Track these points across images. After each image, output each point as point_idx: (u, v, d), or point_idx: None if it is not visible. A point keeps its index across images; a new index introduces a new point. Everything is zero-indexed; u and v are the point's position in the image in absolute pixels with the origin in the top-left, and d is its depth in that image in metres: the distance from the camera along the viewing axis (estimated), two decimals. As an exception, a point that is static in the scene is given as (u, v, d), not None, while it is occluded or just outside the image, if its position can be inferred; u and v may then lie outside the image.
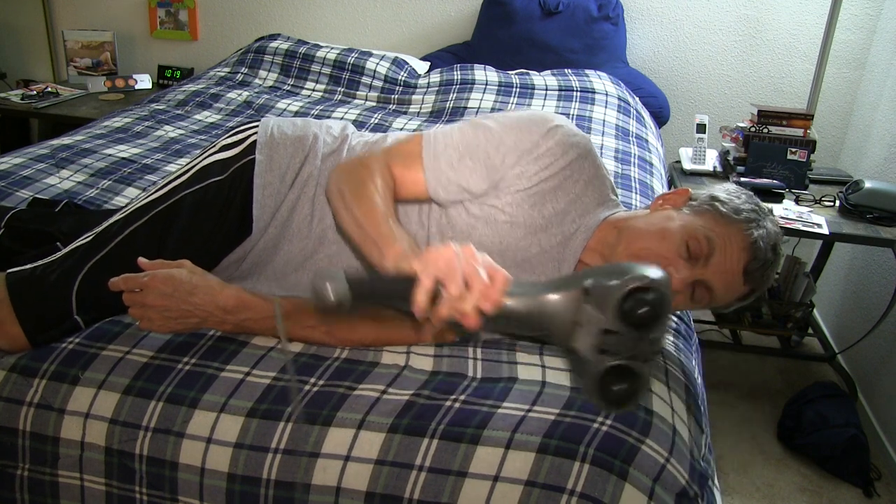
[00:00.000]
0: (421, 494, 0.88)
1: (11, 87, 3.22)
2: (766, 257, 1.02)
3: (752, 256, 1.01)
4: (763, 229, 1.03)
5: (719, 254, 1.01)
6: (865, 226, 2.01)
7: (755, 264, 1.01)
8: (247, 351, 1.04)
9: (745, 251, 1.01)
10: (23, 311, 1.05)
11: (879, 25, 2.64)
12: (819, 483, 2.00)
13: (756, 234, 1.02)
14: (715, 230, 1.02)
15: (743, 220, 1.03)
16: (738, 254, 1.01)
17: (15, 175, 1.68)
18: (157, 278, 1.00)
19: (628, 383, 0.80)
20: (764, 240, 1.02)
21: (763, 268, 1.02)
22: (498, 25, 2.78)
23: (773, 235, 1.04)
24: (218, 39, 3.25)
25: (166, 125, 2.21)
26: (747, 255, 1.01)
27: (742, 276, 1.02)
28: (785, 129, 2.28)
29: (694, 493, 0.91)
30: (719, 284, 1.02)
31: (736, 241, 1.02)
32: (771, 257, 1.03)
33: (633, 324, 0.77)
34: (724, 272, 1.01)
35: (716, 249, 1.01)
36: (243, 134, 1.23)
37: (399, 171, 1.10)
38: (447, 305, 0.77)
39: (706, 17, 2.80)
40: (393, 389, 0.97)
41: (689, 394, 1.05)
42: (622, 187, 1.86)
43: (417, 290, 0.77)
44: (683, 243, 1.02)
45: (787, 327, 2.45)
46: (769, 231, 1.03)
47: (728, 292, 1.03)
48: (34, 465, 0.98)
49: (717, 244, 1.01)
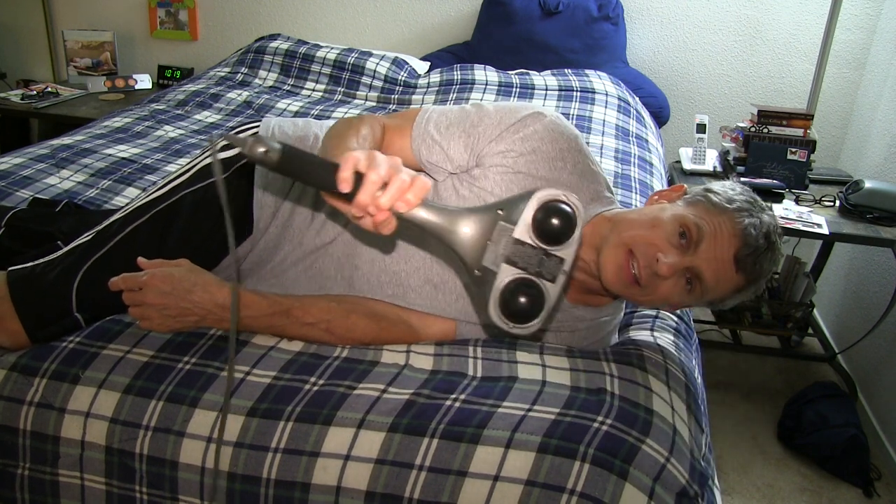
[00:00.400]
0: (421, 494, 0.88)
1: (11, 87, 3.22)
2: (757, 244, 1.01)
3: (742, 243, 1.00)
4: (755, 218, 1.02)
5: (708, 240, 1.01)
6: (865, 226, 2.01)
7: (745, 250, 1.01)
8: (247, 350, 1.04)
9: (736, 237, 1.01)
10: (23, 308, 1.05)
11: (879, 25, 2.64)
12: (819, 483, 2.00)
13: (747, 221, 1.01)
14: (705, 218, 1.02)
15: (734, 210, 1.02)
16: (729, 240, 1.01)
17: (15, 175, 1.68)
18: (155, 277, 1.00)
19: (531, 299, 0.80)
20: (756, 227, 1.01)
21: (755, 255, 1.01)
22: (498, 25, 2.78)
23: (766, 225, 1.03)
24: (218, 39, 3.25)
25: (166, 125, 2.21)
26: (738, 241, 1.01)
27: (733, 265, 1.01)
28: (785, 129, 2.28)
29: (694, 492, 0.91)
30: (709, 272, 1.01)
31: (726, 229, 1.01)
32: (763, 244, 1.01)
33: (543, 234, 0.78)
34: (714, 259, 1.01)
35: (705, 236, 1.01)
36: (244, 134, 1.23)
37: (391, 130, 1.14)
38: (366, 192, 0.77)
39: (706, 17, 2.80)
40: (393, 389, 0.97)
41: (689, 393, 1.05)
42: (622, 187, 1.86)
43: (340, 170, 0.78)
44: (674, 231, 1.02)
45: (787, 327, 2.45)
46: (762, 220, 1.03)
47: (720, 282, 1.03)
48: (34, 464, 0.98)
49: (706, 231, 1.01)
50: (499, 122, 1.11)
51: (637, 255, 1.02)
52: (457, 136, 1.12)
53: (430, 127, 1.13)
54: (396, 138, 1.14)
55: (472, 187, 1.11)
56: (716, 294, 1.04)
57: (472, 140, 1.11)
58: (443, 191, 1.14)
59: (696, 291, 1.03)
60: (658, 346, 1.14)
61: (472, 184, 1.11)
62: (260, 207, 1.16)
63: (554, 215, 0.78)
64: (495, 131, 1.11)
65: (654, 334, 1.22)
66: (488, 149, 1.10)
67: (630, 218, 1.07)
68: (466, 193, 1.11)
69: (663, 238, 1.02)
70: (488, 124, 1.11)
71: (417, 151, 1.13)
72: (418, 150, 1.13)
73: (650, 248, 1.01)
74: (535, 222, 0.78)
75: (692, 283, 1.03)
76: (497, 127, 1.11)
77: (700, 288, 1.03)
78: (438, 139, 1.12)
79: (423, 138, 1.13)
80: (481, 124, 1.11)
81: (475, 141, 1.11)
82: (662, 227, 1.02)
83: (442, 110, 1.15)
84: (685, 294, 1.04)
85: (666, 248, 1.01)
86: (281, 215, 1.18)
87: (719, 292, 1.04)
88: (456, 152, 1.12)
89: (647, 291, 1.03)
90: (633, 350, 1.11)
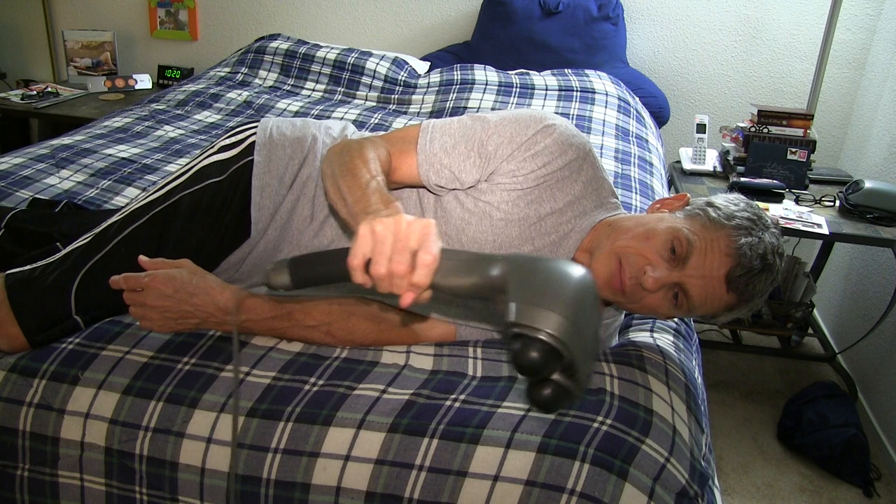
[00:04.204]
0: (421, 494, 0.88)
1: (11, 87, 3.22)
2: (751, 265, 0.98)
3: (735, 263, 0.98)
4: (753, 238, 0.99)
5: (698, 257, 0.98)
6: (865, 226, 2.01)
7: (738, 271, 0.98)
8: (247, 351, 1.04)
9: (729, 257, 0.98)
10: (21, 312, 1.05)
11: (879, 25, 2.64)
12: (819, 483, 2.00)
13: (743, 240, 0.98)
14: (699, 233, 1.00)
15: (732, 227, 1.00)
16: (721, 259, 0.98)
17: (15, 175, 1.68)
18: (157, 279, 1.00)
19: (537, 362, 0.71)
20: (752, 247, 0.98)
21: (748, 276, 0.98)
22: (498, 25, 2.78)
23: (765, 245, 0.99)
24: (218, 39, 3.25)
25: (166, 125, 2.21)
26: (731, 260, 0.98)
27: (724, 283, 0.99)
28: (785, 129, 2.28)
29: (694, 492, 0.91)
30: (696, 289, 0.99)
31: (719, 247, 0.99)
32: (758, 266, 0.98)
33: (518, 367, 0.71)
34: (703, 277, 0.99)
35: (694, 252, 0.99)
36: (242, 135, 1.22)
37: (394, 153, 1.09)
38: (381, 286, 0.76)
39: (706, 17, 2.80)
40: (393, 389, 0.97)
41: (688, 394, 1.05)
42: (622, 187, 1.86)
43: (352, 272, 0.76)
44: (667, 244, 1.00)
45: (787, 327, 2.45)
46: (762, 240, 0.99)
47: (708, 299, 1.00)
48: (34, 465, 0.98)
49: (696, 247, 0.99)
50: (509, 140, 1.08)
51: (625, 265, 1.01)
52: (465, 156, 1.08)
53: (436, 148, 1.09)
54: (402, 157, 1.10)
55: (477, 202, 1.09)
56: (704, 310, 1.02)
57: (483, 161, 1.08)
58: (446, 203, 1.12)
59: (683, 306, 1.02)
60: (658, 347, 1.14)
61: (478, 198, 1.10)
62: (258, 210, 1.16)
63: (528, 353, 0.69)
64: (506, 150, 1.08)
65: (654, 335, 1.22)
66: (500, 168, 1.08)
67: (626, 226, 1.05)
68: (472, 207, 1.10)
69: (654, 251, 1.00)
70: (498, 143, 1.08)
71: (426, 176, 1.09)
72: (426, 175, 1.09)
73: (639, 259, 1.00)
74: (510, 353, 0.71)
75: (678, 298, 1.01)
76: (508, 146, 1.08)
77: (687, 304, 1.01)
78: (448, 163, 1.08)
79: (431, 163, 1.09)
80: (490, 142, 1.08)
81: (486, 162, 1.08)
82: (655, 240, 1.01)
83: (443, 128, 1.12)
84: (672, 307, 1.02)
85: (656, 260, 1.00)
86: (279, 217, 1.17)
87: (708, 309, 1.02)
88: (467, 174, 1.09)
89: (633, 300, 1.03)
90: (633, 351, 1.11)
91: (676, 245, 0.99)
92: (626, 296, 1.02)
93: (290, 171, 1.19)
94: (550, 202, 1.09)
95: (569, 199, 1.10)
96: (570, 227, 1.10)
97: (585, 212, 1.11)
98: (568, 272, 0.74)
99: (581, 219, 1.11)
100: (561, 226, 1.10)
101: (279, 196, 1.17)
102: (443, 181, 1.10)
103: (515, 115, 1.11)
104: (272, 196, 1.17)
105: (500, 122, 1.10)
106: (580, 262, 1.10)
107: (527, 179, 1.08)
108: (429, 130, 1.11)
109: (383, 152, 1.06)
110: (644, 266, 1.00)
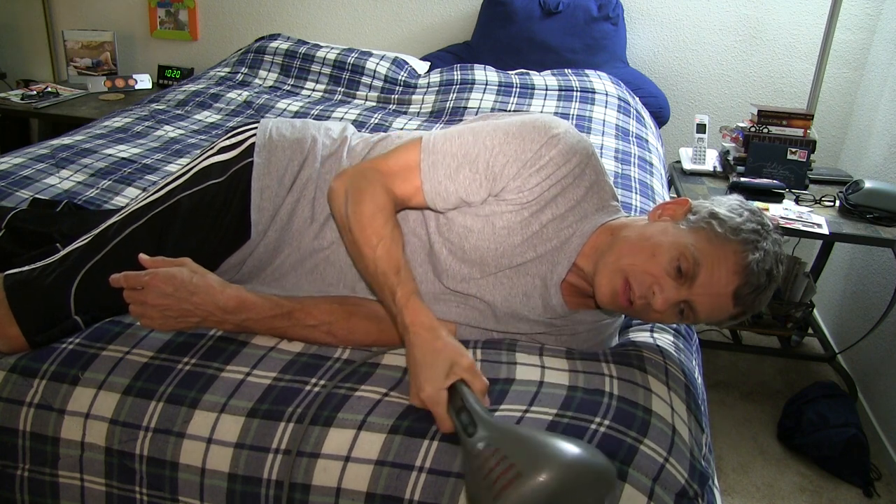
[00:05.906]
0: (421, 495, 0.88)
1: (11, 87, 3.22)
2: (758, 282, 0.98)
3: (744, 281, 0.97)
4: (761, 251, 0.98)
5: (705, 275, 0.98)
6: (865, 226, 2.01)
7: (746, 289, 0.98)
8: (247, 351, 1.04)
9: (737, 275, 0.97)
10: (21, 312, 1.04)
11: (879, 25, 2.64)
12: (819, 483, 2.00)
13: (751, 257, 0.97)
14: (706, 249, 0.99)
15: (740, 241, 0.98)
16: (728, 277, 0.97)
17: (15, 175, 1.68)
18: (158, 277, 1.00)
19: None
20: (759, 263, 0.97)
21: (755, 292, 0.98)
22: (498, 25, 2.78)
23: (771, 257, 0.99)
24: (218, 39, 3.25)
25: (166, 125, 2.21)
26: (739, 279, 0.97)
27: (731, 300, 0.98)
28: (785, 129, 2.28)
29: (694, 492, 0.91)
30: (704, 306, 0.99)
31: (726, 265, 0.98)
32: (764, 282, 0.98)
33: None
34: (711, 294, 0.98)
35: (701, 271, 0.98)
36: (242, 136, 1.22)
37: (399, 188, 1.08)
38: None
39: (706, 17, 2.80)
40: (395, 392, 0.97)
41: (688, 394, 1.05)
42: (622, 187, 1.86)
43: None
44: (673, 261, 0.99)
45: (787, 327, 2.45)
46: (768, 252, 0.99)
47: (714, 313, 1.01)
48: (34, 465, 0.98)
49: (703, 265, 0.98)
50: (515, 157, 1.06)
51: (633, 285, 1.00)
52: (471, 179, 1.07)
53: (440, 176, 1.07)
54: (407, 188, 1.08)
55: (479, 212, 1.09)
56: (709, 320, 1.03)
57: (490, 182, 1.07)
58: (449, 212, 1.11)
59: (688, 318, 1.02)
60: (658, 347, 1.14)
61: (482, 209, 1.09)
62: (258, 211, 1.16)
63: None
64: (513, 169, 1.06)
65: (654, 335, 1.22)
66: (507, 185, 1.07)
67: (630, 240, 1.04)
68: (475, 217, 1.09)
69: (661, 270, 0.99)
70: (504, 162, 1.06)
71: (432, 203, 1.08)
72: (433, 202, 1.08)
73: (647, 277, 0.99)
74: None
75: (685, 312, 1.02)
76: (514, 164, 1.06)
77: (693, 317, 1.02)
78: (454, 189, 1.07)
79: (438, 192, 1.07)
80: (496, 162, 1.06)
81: (493, 183, 1.07)
82: (661, 257, 0.99)
83: (444, 147, 1.09)
84: (677, 318, 1.03)
85: (663, 280, 0.99)
86: (279, 219, 1.17)
87: (713, 319, 1.03)
88: (474, 195, 1.08)
89: (639, 315, 1.05)
90: (633, 351, 1.11)
91: (683, 263, 0.98)
92: (634, 311, 1.03)
93: (289, 173, 1.18)
94: (553, 209, 1.08)
95: (570, 205, 1.09)
96: (572, 232, 1.10)
97: (587, 215, 1.11)
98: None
99: (582, 223, 1.10)
100: (562, 230, 1.09)
101: (279, 198, 1.17)
102: (451, 205, 1.09)
103: (518, 127, 1.08)
104: (272, 198, 1.17)
105: (504, 138, 1.07)
106: (582, 266, 1.10)
107: (532, 192, 1.07)
108: (429, 151, 1.09)
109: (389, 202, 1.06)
110: (652, 285, 0.99)
